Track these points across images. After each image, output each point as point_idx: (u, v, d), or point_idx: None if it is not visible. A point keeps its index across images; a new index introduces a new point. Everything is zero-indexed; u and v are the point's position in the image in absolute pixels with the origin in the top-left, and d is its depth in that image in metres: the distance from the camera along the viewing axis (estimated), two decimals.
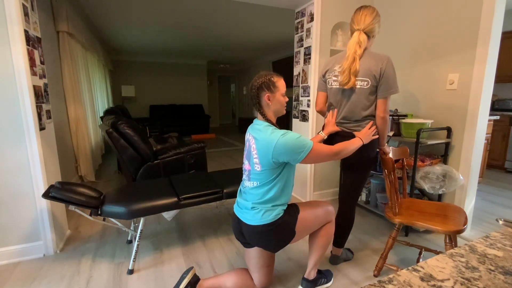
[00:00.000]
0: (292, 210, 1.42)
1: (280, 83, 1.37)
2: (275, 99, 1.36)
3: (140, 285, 1.68)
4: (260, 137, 1.33)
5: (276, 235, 1.36)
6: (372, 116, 1.61)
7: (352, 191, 1.75)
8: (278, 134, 1.28)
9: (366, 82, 1.55)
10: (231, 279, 1.49)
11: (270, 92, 1.35)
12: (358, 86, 1.57)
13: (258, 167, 1.35)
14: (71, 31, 3.28)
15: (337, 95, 1.67)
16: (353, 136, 1.61)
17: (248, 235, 1.40)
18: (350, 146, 1.45)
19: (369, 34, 1.58)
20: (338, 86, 1.65)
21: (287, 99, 1.41)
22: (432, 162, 2.20)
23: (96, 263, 1.90)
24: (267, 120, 1.38)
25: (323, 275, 1.65)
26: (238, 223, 1.44)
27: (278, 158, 1.28)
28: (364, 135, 1.55)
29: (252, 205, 1.37)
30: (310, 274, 1.56)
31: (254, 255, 1.49)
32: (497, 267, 0.53)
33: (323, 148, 1.35)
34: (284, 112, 1.42)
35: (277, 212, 1.35)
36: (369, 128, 1.58)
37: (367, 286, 0.46)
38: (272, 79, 1.35)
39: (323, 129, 1.75)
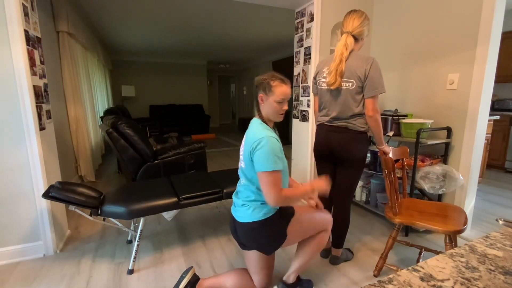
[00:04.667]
0: (286, 212, 1.40)
1: (278, 89, 1.30)
2: (267, 102, 1.33)
3: (140, 285, 1.68)
4: (249, 132, 1.33)
5: (265, 234, 1.35)
6: (361, 115, 1.66)
7: (346, 190, 1.76)
8: (266, 134, 1.26)
9: (351, 83, 1.60)
10: (231, 279, 1.49)
11: (264, 94, 1.33)
12: (344, 87, 1.62)
13: (243, 164, 1.35)
14: (71, 31, 3.28)
15: (326, 95, 1.73)
16: (344, 131, 1.66)
17: (241, 234, 1.39)
18: (298, 196, 1.32)
19: (357, 37, 1.64)
20: (326, 87, 1.70)
21: (284, 108, 1.34)
22: (432, 162, 2.20)
23: (96, 263, 1.90)
24: (262, 119, 1.37)
25: (302, 284, 1.59)
26: (234, 222, 1.44)
27: (253, 156, 1.27)
28: (317, 185, 1.37)
29: (243, 202, 1.38)
30: (290, 277, 1.53)
31: (252, 258, 1.48)
32: (497, 267, 0.53)
33: (277, 183, 1.24)
34: (279, 119, 1.37)
35: (266, 211, 1.33)
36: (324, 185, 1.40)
37: (367, 286, 0.46)
38: (271, 82, 1.31)
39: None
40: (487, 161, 3.82)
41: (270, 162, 1.23)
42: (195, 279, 1.47)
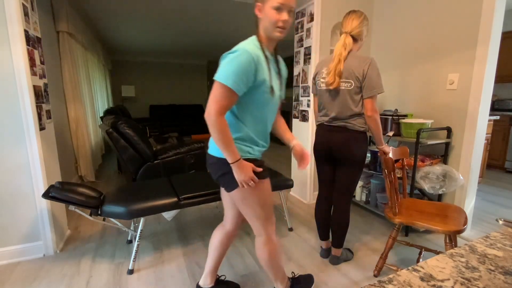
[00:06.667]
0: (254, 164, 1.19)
1: None
2: (264, 12, 1.08)
3: (140, 285, 1.68)
4: None
5: (221, 172, 1.21)
6: (360, 115, 1.67)
7: (346, 190, 1.77)
8: (245, 47, 1.05)
9: (349, 84, 1.61)
10: (213, 245, 1.50)
11: (261, 1, 1.08)
12: (342, 87, 1.64)
13: None
14: (71, 31, 3.28)
15: (325, 95, 1.73)
16: (343, 131, 1.66)
17: (208, 165, 1.28)
18: (227, 146, 1.10)
19: (356, 37, 1.65)
20: (325, 87, 1.71)
21: (284, 18, 1.06)
22: (432, 162, 2.20)
23: (96, 263, 1.90)
24: (258, 38, 1.15)
25: (299, 281, 1.59)
26: None
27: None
28: (242, 168, 1.14)
29: None
30: (278, 284, 1.47)
31: (224, 192, 1.43)
32: (497, 267, 0.53)
33: (220, 101, 1.06)
34: (276, 34, 1.10)
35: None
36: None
37: (367, 286, 0.46)
38: None
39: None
40: (487, 161, 3.82)
41: (227, 74, 1.04)
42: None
